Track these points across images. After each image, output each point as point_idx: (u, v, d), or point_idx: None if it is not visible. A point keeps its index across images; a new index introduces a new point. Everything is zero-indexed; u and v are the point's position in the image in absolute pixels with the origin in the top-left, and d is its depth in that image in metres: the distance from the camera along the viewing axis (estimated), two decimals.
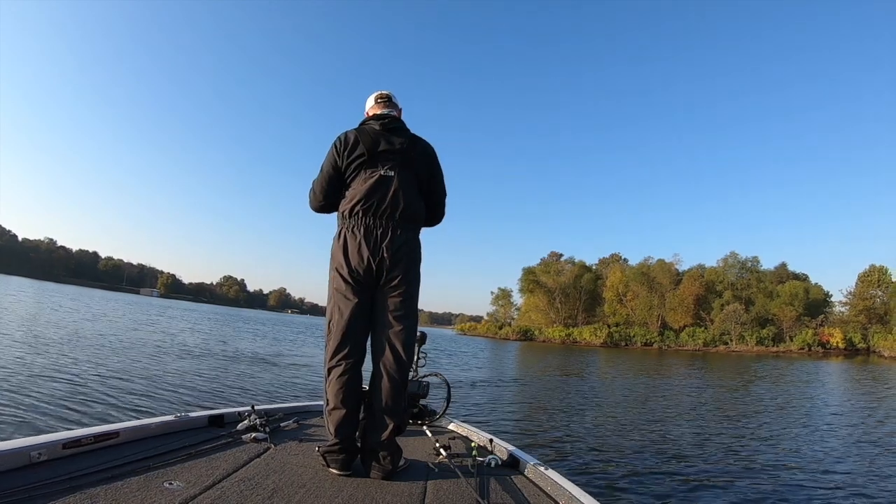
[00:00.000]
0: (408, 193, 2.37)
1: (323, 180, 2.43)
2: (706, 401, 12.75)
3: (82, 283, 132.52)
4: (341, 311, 2.27)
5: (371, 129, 2.41)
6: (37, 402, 6.10)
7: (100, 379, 8.10)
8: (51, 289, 63.09)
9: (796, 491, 5.20)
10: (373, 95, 2.63)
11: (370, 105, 2.62)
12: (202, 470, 1.95)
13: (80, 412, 5.97)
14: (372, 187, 2.31)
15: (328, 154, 2.43)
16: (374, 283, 2.31)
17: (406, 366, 2.34)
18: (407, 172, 2.40)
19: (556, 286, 73.02)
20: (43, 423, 5.33)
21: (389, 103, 2.60)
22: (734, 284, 67.75)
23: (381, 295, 2.32)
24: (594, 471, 5.48)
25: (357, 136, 2.37)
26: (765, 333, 61.32)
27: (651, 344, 63.23)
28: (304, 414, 3.18)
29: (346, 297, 2.28)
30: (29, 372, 7.92)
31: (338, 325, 2.27)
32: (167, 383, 8.51)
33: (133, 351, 12.45)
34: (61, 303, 32.24)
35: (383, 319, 2.31)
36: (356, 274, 2.27)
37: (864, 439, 8.21)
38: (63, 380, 7.64)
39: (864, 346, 59.19)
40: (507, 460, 2.55)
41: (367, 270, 2.27)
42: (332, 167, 2.39)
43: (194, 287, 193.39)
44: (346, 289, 2.28)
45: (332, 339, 2.27)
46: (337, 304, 2.29)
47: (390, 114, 2.53)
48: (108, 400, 6.76)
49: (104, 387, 7.52)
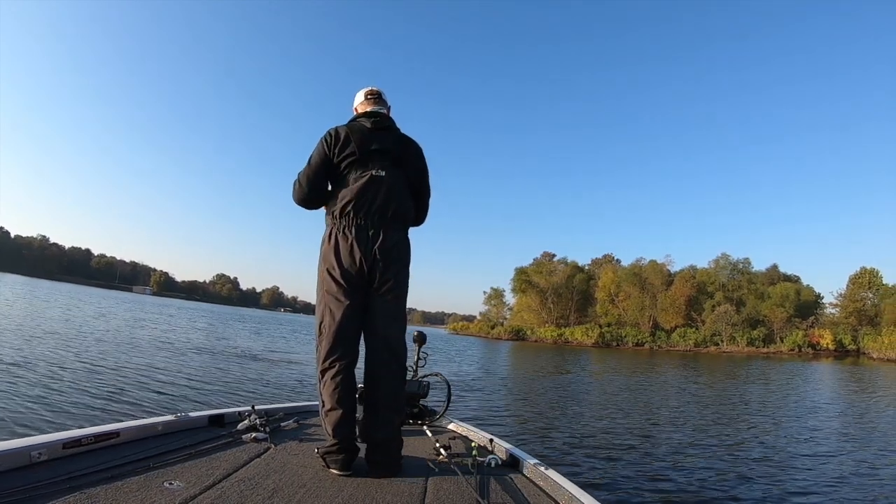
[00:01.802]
0: (399, 194, 2.36)
1: (310, 171, 2.38)
2: (701, 400, 12.87)
3: (75, 281, 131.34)
4: (332, 313, 2.25)
5: (362, 127, 2.37)
6: (36, 402, 6.06)
7: (99, 378, 8.06)
8: (44, 286, 62.53)
9: (795, 488, 5.28)
10: (362, 91, 2.59)
11: (359, 101, 2.58)
12: (202, 470, 1.95)
13: (80, 412, 5.94)
14: (363, 187, 2.28)
15: (317, 147, 2.38)
16: (366, 285, 2.29)
17: (403, 362, 2.36)
18: (398, 172, 2.38)
19: (549, 286, 73.13)
20: (43, 422, 5.30)
21: (379, 100, 2.56)
22: (725, 286, 68.10)
23: (374, 295, 2.31)
24: (594, 471, 5.51)
25: (348, 134, 2.33)
26: (755, 334, 61.69)
27: (642, 344, 63.42)
28: (304, 414, 3.17)
29: (338, 298, 2.25)
30: (28, 372, 7.86)
31: (330, 327, 2.24)
32: (167, 383, 8.48)
33: (132, 350, 12.40)
34: (56, 301, 31.97)
35: (377, 320, 2.30)
36: (348, 275, 2.25)
37: (841, 436, 8.37)
38: (63, 379, 7.59)
39: (853, 347, 59.56)
40: (507, 460, 2.56)
41: (359, 272, 2.25)
42: (321, 160, 2.35)
43: (187, 285, 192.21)
44: (337, 291, 2.25)
45: (325, 341, 2.25)
46: (328, 306, 2.27)
47: (380, 111, 2.50)
48: (108, 399, 6.72)
49: (104, 386, 7.48)
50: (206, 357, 13.08)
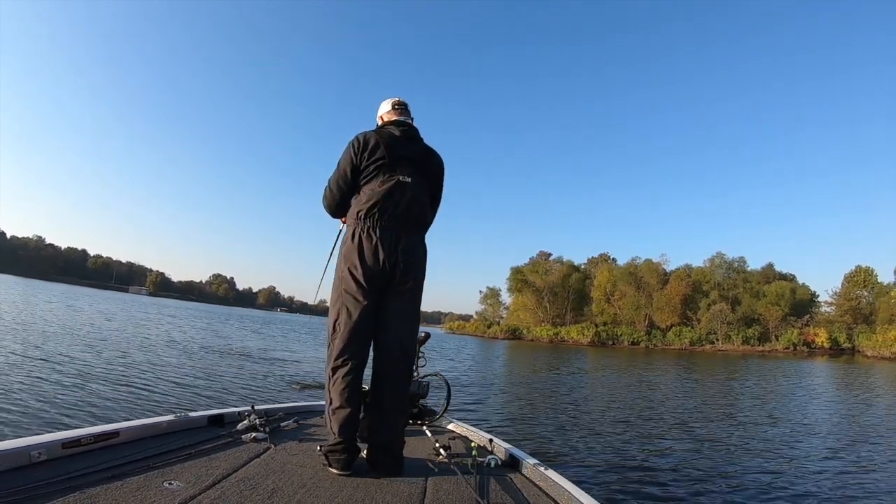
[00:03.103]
0: (420, 201, 2.43)
1: (340, 178, 2.43)
2: (698, 399, 12.91)
3: (71, 281, 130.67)
4: (350, 312, 2.27)
5: (391, 134, 2.44)
6: (36, 402, 6.03)
7: (99, 378, 8.02)
8: (40, 287, 62.18)
9: (795, 487, 5.29)
10: (389, 101, 2.66)
11: (385, 110, 2.64)
12: (202, 470, 1.95)
13: (80, 412, 5.91)
14: (390, 191, 2.33)
15: (345, 153, 2.43)
16: (385, 286, 2.33)
17: (412, 363, 2.43)
18: (421, 181, 2.45)
19: (545, 285, 73.23)
20: (43, 422, 5.27)
21: (405, 111, 2.64)
22: (721, 284, 68.29)
23: (391, 297, 2.35)
24: (594, 471, 5.51)
25: (378, 140, 2.38)
26: (751, 333, 62.03)
27: (638, 343, 63.66)
28: (304, 414, 3.18)
29: (357, 298, 2.28)
30: (27, 372, 7.82)
31: (346, 325, 2.27)
32: (166, 383, 8.44)
33: (131, 350, 12.32)
34: (52, 301, 31.79)
35: (392, 321, 2.34)
36: (370, 276, 2.28)
37: (834, 433, 8.40)
38: (62, 380, 7.54)
39: (848, 345, 59.98)
40: (506, 460, 2.57)
41: (380, 273, 2.29)
42: (350, 165, 2.39)
43: (183, 285, 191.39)
44: (357, 290, 2.28)
45: (339, 339, 2.27)
46: (345, 305, 2.29)
47: (408, 121, 2.57)
48: (108, 400, 6.69)
49: (103, 386, 7.45)
50: (205, 357, 13.01)
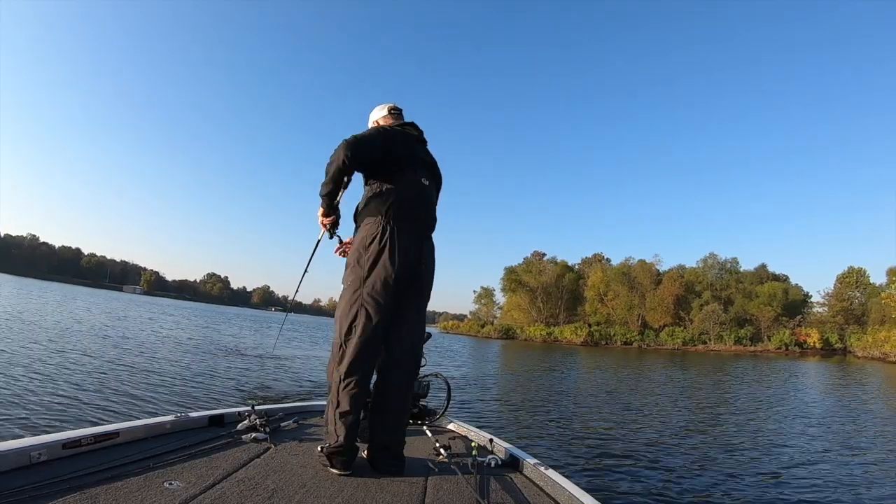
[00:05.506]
0: (434, 205, 2.48)
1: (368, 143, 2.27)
2: (692, 398, 13.00)
3: (65, 280, 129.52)
4: (370, 314, 2.19)
5: (412, 135, 2.44)
6: (36, 402, 5.99)
7: (98, 378, 7.96)
8: (34, 286, 61.65)
9: (794, 487, 5.33)
10: (384, 106, 2.62)
11: (381, 115, 2.60)
12: (202, 470, 1.95)
13: (80, 412, 5.87)
14: (418, 193, 2.34)
15: (378, 132, 2.35)
16: (405, 288, 2.29)
17: (418, 365, 2.42)
18: (433, 185, 2.48)
19: (539, 285, 73.44)
20: (43, 423, 5.24)
21: (401, 116, 2.62)
22: (713, 285, 68.78)
23: (408, 301, 2.32)
24: (594, 470, 5.52)
25: (404, 138, 2.37)
26: (743, 333, 62.44)
27: (631, 343, 63.91)
28: (304, 414, 3.18)
29: (380, 301, 2.20)
30: (27, 372, 7.75)
31: (366, 328, 2.18)
32: (166, 383, 8.39)
33: (130, 350, 12.22)
34: (49, 300, 31.51)
35: (408, 327, 2.33)
36: (399, 278, 2.23)
37: (827, 432, 8.49)
38: (62, 380, 7.48)
39: (840, 346, 60.44)
40: (506, 460, 2.57)
41: (405, 275, 2.25)
42: (382, 150, 2.29)
43: (177, 284, 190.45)
44: (382, 292, 2.20)
45: (357, 342, 2.18)
46: (365, 307, 2.20)
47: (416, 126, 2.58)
48: (108, 400, 6.65)
49: (103, 386, 7.40)
50: (205, 357, 12.93)
